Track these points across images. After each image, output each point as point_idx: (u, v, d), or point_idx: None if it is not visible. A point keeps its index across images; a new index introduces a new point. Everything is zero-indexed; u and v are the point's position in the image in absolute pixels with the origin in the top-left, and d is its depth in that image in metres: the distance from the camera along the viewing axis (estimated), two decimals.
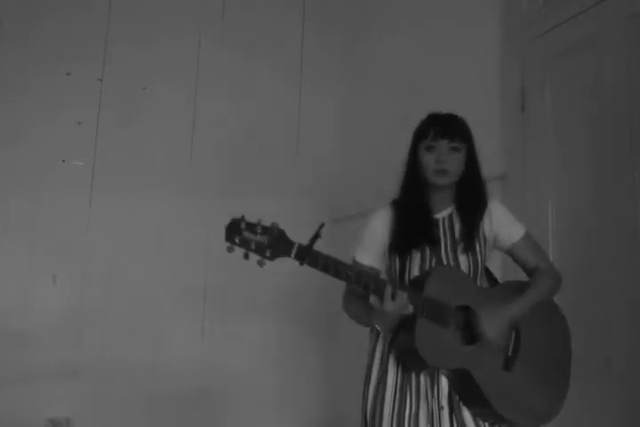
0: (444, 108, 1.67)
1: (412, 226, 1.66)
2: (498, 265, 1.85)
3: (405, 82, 2.80)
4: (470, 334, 1.57)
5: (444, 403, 1.56)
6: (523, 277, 1.72)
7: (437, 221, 1.69)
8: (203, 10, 3.13)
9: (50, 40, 2.80)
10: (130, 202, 2.81)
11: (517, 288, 1.65)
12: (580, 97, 2.03)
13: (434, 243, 1.65)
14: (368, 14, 3.27)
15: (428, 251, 1.65)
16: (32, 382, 2.56)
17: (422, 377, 1.59)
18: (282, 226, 1.38)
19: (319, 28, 3.39)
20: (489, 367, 1.56)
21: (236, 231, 1.35)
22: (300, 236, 1.38)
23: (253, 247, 1.36)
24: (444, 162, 1.63)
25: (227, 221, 1.33)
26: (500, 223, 1.70)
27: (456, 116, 1.69)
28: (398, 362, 1.61)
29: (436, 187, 1.67)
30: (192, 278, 2.90)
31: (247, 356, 2.96)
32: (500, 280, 1.75)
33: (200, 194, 2.94)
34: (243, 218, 1.35)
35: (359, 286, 1.47)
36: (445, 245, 1.66)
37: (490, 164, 2.23)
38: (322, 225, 1.40)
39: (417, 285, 1.55)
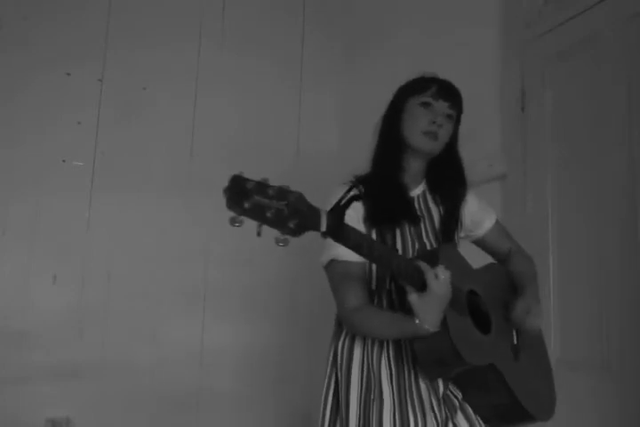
0: None
1: (391, 201, 1.44)
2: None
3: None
4: (479, 322, 1.39)
5: (437, 411, 1.37)
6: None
7: (412, 198, 1.52)
8: (203, 10, 3.13)
9: (50, 40, 2.80)
10: (130, 202, 2.81)
11: (501, 272, 1.57)
12: (580, 97, 2.03)
13: (414, 221, 1.46)
14: (368, 14, 3.27)
15: (408, 230, 1.44)
16: (32, 382, 2.55)
17: (422, 383, 1.38)
18: None
19: (320, 28, 3.39)
20: (506, 358, 1.40)
21: (243, 194, 0.92)
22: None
23: (270, 217, 0.93)
24: (439, 126, 1.43)
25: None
26: (477, 212, 1.59)
27: (456, 88, 1.52)
28: (394, 369, 1.38)
29: (414, 156, 1.49)
30: (192, 278, 2.90)
31: (247, 356, 2.96)
32: None
33: (200, 194, 2.93)
34: (244, 175, 0.95)
35: (388, 269, 1.21)
36: (425, 226, 1.48)
37: (490, 164, 2.24)
38: (353, 185, 1.11)
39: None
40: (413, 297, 1.22)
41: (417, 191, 1.54)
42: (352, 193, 1.10)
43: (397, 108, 1.49)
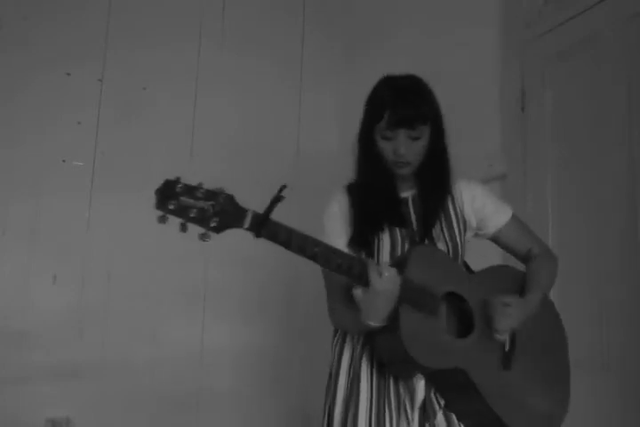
0: (443, 108, 1.54)
1: (378, 205, 1.43)
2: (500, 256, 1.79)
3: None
4: (460, 325, 1.37)
5: (415, 416, 1.35)
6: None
7: (406, 199, 1.50)
8: (203, 10, 3.13)
9: (50, 40, 2.80)
10: (130, 202, 2.80)
11: (510, 275, 1.51)
12: (580, 97, 2.03)
13: (404, 224, 1.44)
14: (368, 14, 3.27)
15: (398, 233, 1.43)
16: (32, 382, 2.55)
17: (401, 386, 1.37)
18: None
19: (320, 28, 3.39)
20: (487, 366, 1.35)
21: (170, 196, 1.08)
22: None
23: (194, 216, 1.10)
24: (402, 156, 1.41)
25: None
26: (486, 208, 1.52)
27: (416, 92, 1.46)
28: (375, 369, 1.39)
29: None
30: (192, 278, 2.90)
31: (247, 355, 2.96)
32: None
33: None
34: (179, 180, 1.10)
35: (329, 268, 1.22)
36: (419, 228, 1.45)
37: (490, 164, 2.24)
38: (283, 187, 1.16)
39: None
40: (358, 292, 1.26)
41: (410, 192, 1.52)
42: (279, 192, 1.16)
43: (368, 136, 1.48)
